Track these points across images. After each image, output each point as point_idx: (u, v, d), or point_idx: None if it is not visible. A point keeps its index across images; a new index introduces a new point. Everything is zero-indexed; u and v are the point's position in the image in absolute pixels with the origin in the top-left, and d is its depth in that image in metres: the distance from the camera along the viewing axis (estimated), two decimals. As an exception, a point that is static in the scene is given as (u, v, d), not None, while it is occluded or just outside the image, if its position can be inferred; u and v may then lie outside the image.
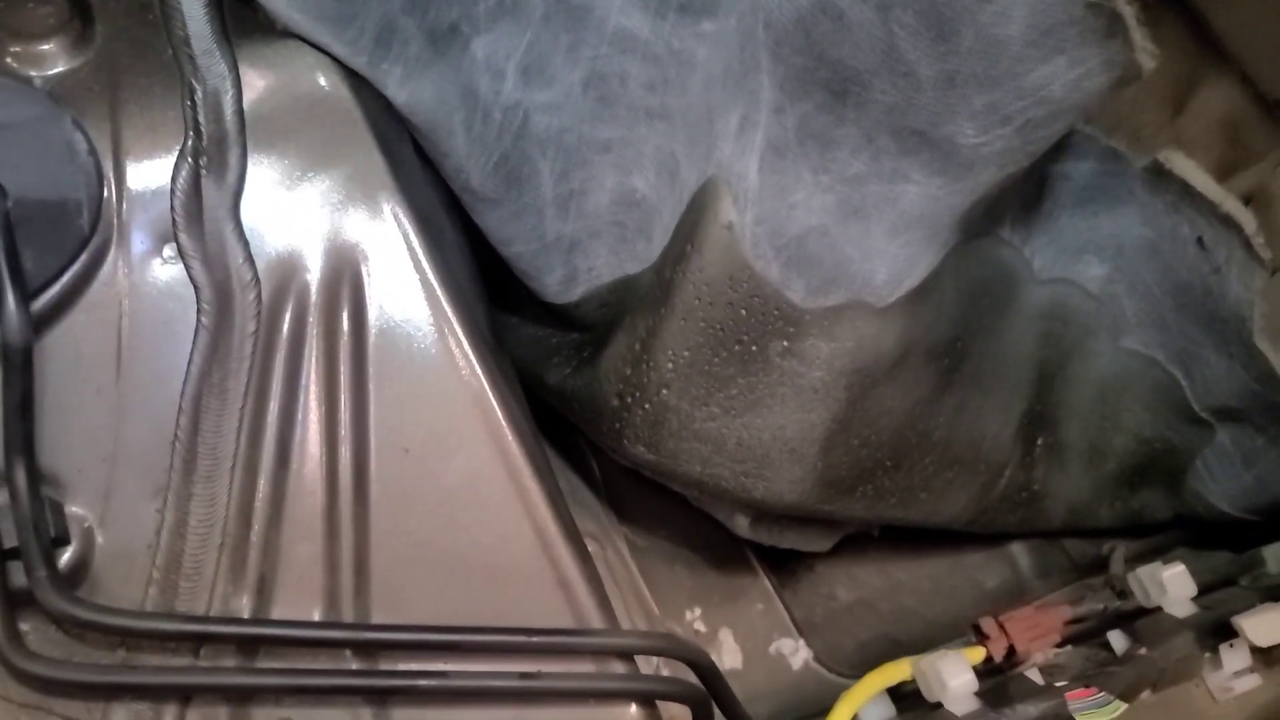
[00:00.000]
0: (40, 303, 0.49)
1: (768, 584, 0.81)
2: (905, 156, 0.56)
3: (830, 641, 0.79)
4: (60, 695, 0.48)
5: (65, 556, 0.49)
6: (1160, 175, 0.69)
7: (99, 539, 0.50)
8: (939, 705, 0.59)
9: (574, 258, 0.65)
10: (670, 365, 0.62)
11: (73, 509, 0.50)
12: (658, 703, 0.55)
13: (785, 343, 0.61)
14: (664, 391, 0.62)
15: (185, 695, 0.49)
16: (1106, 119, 0.70)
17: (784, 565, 0.82)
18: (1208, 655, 0.63)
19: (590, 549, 0.60)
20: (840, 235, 0.59)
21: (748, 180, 0.59)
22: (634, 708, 0.54)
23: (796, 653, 0.79)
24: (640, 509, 0.81)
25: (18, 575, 0.46)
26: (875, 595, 0.82)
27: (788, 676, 0.77)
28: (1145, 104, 0.70)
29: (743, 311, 0.60)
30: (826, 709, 0.60)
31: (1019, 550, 0.85)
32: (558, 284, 0.66)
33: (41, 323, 0.49)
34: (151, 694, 0.49)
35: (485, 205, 0.62)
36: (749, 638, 0.78)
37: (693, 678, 0.55)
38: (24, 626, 0.48)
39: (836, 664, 0.78)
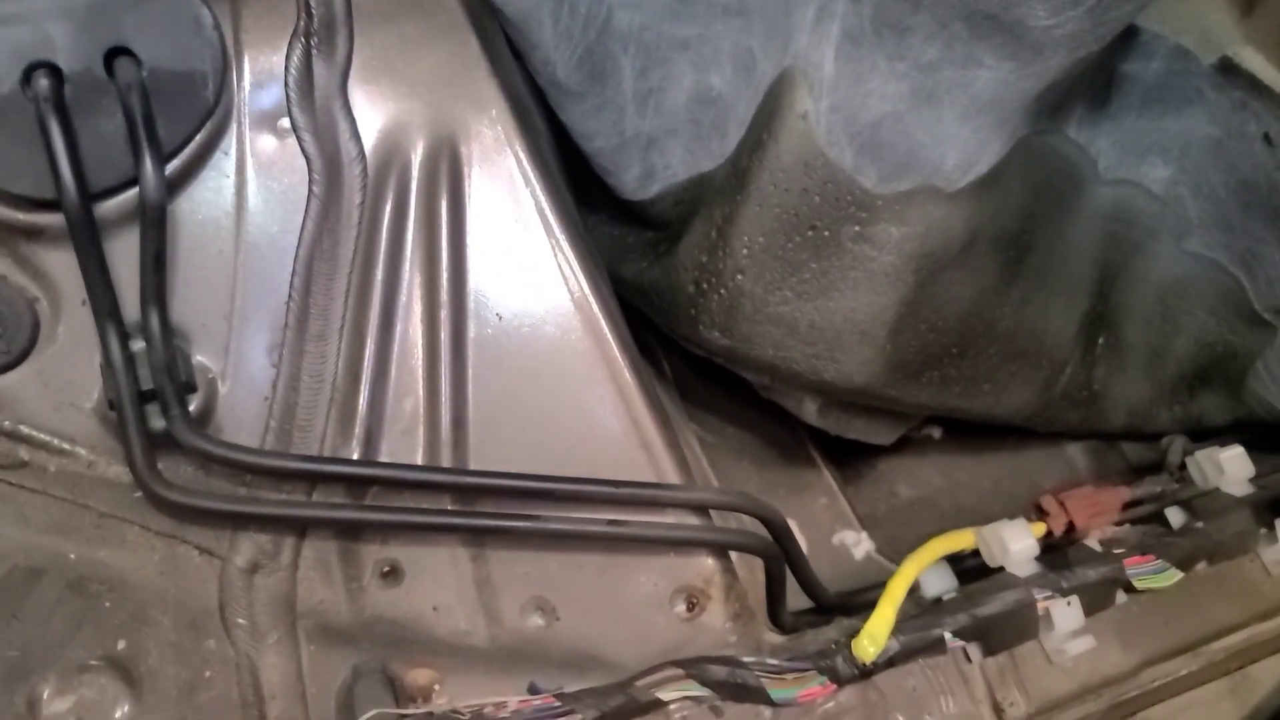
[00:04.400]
0: (170, 167, 0.53)
1: (831, 479, 0.84)
2: (978, 41, 0.58)
3: (891, 534, 0.82)
4: (194, 523, 0.53)
5: (192, 403, 0.53)
6: (1229, 71, 0.70)
7: (221, 389, 0.54)
8: (1000, 569, 0.62)
9: (651, 155, 0.68)
10: (745, 251, 0.64)
11: (198, 359, 0.54)
12: (731, 554, 0.59)
13: (857, 228, 0.63)
14: (739, 277, 0.65)
15: (302, 528, 0.54)
16: (1175, 20, 0.71)
17: (847, 463, 0.85)
18: (1263, 531, 0.65)
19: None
20: (913, 121, 0.61)
21: (823, 70, 0.61)
22: (710, 558, 0.58)
23: (859, 544, 0.81)
24: (709, 407, 0.84)
25: (154, 419, 0.51)
26: (936, 493, 0.85)
27: (851, 565, 0.80)
28: (1215, 3, 0.70)
29: (816, 198, 0.63)
30: (890, 586, 0.63)
31: (1077, 452, 0.87)
32: (635, 180, 0.69)
33: (170, 187, 0.53)
34: (273, 525, 0.53)
35: (569, 99, 0.65)
36: (813, 529, 0.81)
37: (766, 535, 0.59)
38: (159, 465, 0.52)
39: (898, 555, 0.79)
